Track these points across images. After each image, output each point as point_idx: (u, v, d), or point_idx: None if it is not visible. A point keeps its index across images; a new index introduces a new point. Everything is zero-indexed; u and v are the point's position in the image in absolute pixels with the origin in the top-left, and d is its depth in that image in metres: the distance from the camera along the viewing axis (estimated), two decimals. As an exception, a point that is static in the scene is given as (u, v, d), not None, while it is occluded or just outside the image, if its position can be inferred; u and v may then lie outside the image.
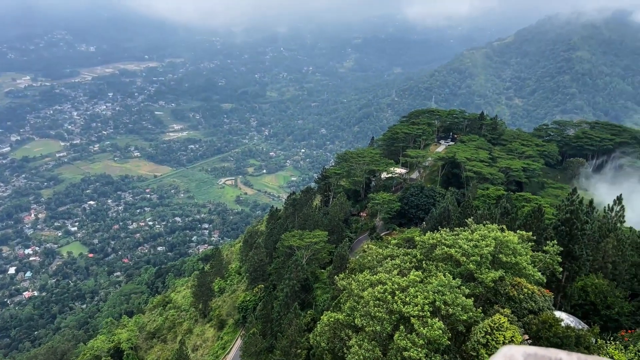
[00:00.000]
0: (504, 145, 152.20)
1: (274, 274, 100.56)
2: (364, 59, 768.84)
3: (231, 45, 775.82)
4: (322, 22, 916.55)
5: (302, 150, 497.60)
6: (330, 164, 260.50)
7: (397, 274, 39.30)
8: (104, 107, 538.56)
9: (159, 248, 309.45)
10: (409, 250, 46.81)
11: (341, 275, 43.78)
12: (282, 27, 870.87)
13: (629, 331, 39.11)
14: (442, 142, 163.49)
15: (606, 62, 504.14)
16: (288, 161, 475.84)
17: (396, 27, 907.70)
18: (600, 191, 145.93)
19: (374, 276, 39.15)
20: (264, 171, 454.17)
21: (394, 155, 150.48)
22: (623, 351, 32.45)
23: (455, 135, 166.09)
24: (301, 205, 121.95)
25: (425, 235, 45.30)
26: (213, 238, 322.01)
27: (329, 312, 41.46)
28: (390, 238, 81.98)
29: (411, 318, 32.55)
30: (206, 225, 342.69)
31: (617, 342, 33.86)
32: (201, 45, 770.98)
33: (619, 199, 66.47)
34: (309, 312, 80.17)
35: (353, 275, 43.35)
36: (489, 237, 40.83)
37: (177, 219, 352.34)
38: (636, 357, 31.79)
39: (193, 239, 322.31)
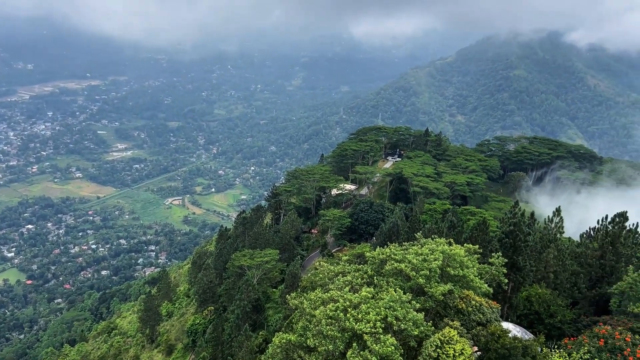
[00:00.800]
0: (449, 160, 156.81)
1: (224, 295, 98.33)
2: (312, 77, 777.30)
3: (178, 63, 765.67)
4: (271, 40, 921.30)
5: (252, 168, 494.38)
6: (280, 181, 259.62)
7: (349, 291, 39.22)
8: (43, 126, 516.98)
9: (103, 272, 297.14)
10: (360, 266, 46.89)
11: (293, 294, 43.21)
12: (230, 45, 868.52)
13: (572, 338, 40.57)
14: (389, 158, 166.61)
15: (541, 80, 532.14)
16: (237, 179, 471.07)
17: (343, 46, 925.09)
18: (541, 203, 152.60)
19: (326, 294, 38.88)
20: (213, 190, 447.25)
21: (343, 171, 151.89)
22: (567, 359, 33.58)
23: (402, 152, 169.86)
24: (252, 224, 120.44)
25: (375, 250, 45.55)
26: (160, 260, 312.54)
27: (281, 332, 40.75)
28: (341, 254, 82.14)
29: (364, 335, 32.43)
30: (153, 247, 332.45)
31: (561, 350, 35.03)
32: (146, 63, 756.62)
33: (557, 211, 69.49)
34: (260, 333, 78.73)
35: (305, 294, 42.89)
36: (437, 250, 41.51)
37: (122, 241, 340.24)
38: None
39: (139, 261, 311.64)
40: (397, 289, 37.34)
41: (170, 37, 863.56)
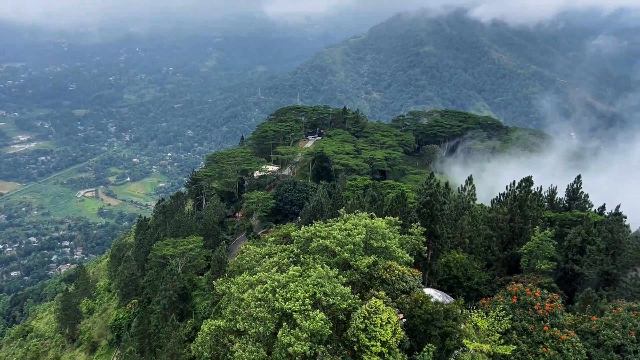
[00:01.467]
0: (367, 137, 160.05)
1: (147, 287, 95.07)
2: (227, 58, 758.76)
3: (80, 47, 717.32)
4: (181, 20, 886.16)
5: (169, 154, 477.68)
6: (200, 166, 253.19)
7: (277, 271, 39.17)
8: None
9: (13, 273, 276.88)
10: (287, 246, 46.95)
11: (219, 280, 42.46)
12: (137, 26, 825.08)
13: (488, 298, 43.24)
14: (310, 137, 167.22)
15: (450, 55, 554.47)
16: (154, 167, 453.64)
17: (257, 25, 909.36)
18: (454, 173, 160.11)
19: (254, 276, 38.57)
20: (128, 179, 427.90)
21: (265, 153, 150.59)
22: (485, 317, 35.80)
23: (322, 130, 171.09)
24: (172, 212, 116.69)
25: (300, 229, 45.72)
26: (76, 256, 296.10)
27: (210, 319, 40.04)
28: (267, 236, 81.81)
29: (293, 314, 32.59)
30: (67, 243, 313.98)
31: (479, 310, 37.27)
32: (46, 47, 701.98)
33: (469, 179, 73.26)
34: (189, 321, 77.14)
35: (232, 278, 42.33)
36: (360, 225, 42.40)
37: (32, 239, 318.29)
38: (496, 321, 35.28)
39: (53, 259, 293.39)
40: (324, 265, 37.76)
41: (72, 20, 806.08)
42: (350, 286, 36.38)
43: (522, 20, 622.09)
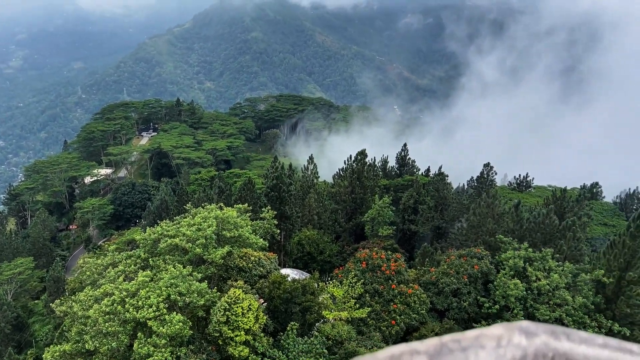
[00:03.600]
0: (206, 128, 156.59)
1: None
2: (35, 56, 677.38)
3: None
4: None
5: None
6: (19, 179, 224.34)
7: (124, 281, 36.48)
8: None
9: None
10: (132, 252, 43.87)
11: (58, 301, 38.20)
12: None
13: (340, 268, 45.43)
14: (144, 134, 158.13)
15: (277, 40, 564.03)
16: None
17: (67, 18, 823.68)
18: (297, 154, 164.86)
19: (98, 290, 35.38)
20: None
21: (94, 156, 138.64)
22: (339, 286, 37.58)
23: (157, 125, 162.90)
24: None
25: (146, 232, 43.09)
26: None
27: (53, 345, 35.90)
28: (109, 245, 75.85)
29: (148, 321, 30.63)
30: None
31: (334, 280, 39.00)
32: None
33: (311, 159, 75.84)
34: (29, 352, 68.67)
35: (74, 297, 38.39)
36: (210, 217, 41.29)
37: None
38: (350, 288, 37.27)
39: None
40: (176, 264, 36.11)
41: None
42: (206, 281, 35.33)
43: (339, 2, 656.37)
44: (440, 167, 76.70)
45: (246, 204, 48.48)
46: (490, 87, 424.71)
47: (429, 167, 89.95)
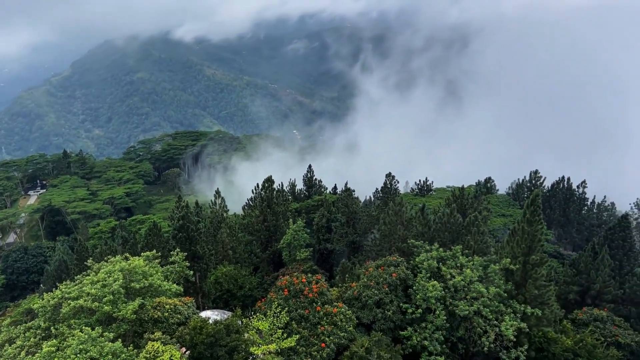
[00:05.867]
0: (100, 177, 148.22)
1: None
2: None
3: None
4: None
5: None
6: None
7: (26, 356, 32.76)
8: None
9: None
10: (31, 323, 39.64)
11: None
12: None
13: (262, 300, 44.20)
14: (31, 192, 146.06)
15: (165, 78, 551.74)
16: None
17: None
18: (203, 191, 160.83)
19: (-5, 374, 31.47)
20: None
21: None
22: (264, 319, 36.41)
23: (44, 182, 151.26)
24: None
25: (44, 298, 39.17)
26: None
27: None
28: (3, 319, 68.29)
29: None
30: None
31: (258, 314, 37.75)
32: None
33: (217, 193, 74.06)
34: None
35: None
36: (115, 271, 38.55)
37: None
38: (275, 319, 36.22)
39: None
40: (84, 328, 33.07)
41: None
42: (120, 340, 32.68)
43: (224, 35, 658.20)
44: (346, 183, 78.34)
45: (154, 250, 46.03)
46: (380, 102, 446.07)
47: (335, 184, 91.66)
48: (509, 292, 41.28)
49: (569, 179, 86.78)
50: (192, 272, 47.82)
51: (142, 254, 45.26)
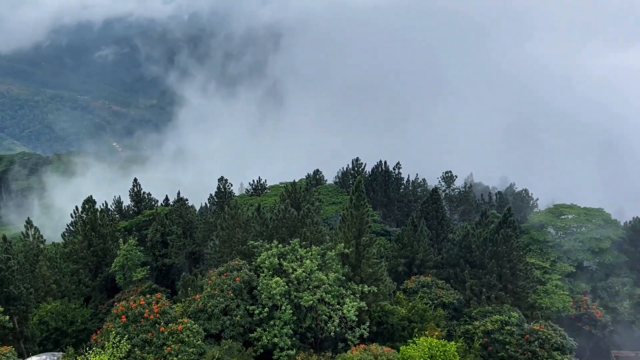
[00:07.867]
0: None
1: None
2: None
3: None
4: None
5: None
6: None
7: None
8: None
9: None
10: None
11: None
12: None
13: (98, 331, 40.38)
14: None
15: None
16: None
17: None
18: (13, 222, 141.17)
19: None
20: None
21: None
22: (102, 352, 33.23)
23: None
24: None
25: None
26: None
27: None
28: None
29: None
30: None
31: (94, 348, 34.31)
32: None
33: (29, 223, 65.45)
34: None
35: None
36: None
37: None
38: (115, 350, 33.23)
39: None
40: None
41: None
42: None
43: (16, 45, 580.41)
44: (178, 193, 75.51)
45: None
46: (203, 105, 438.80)
47: (166, 195, 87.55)
48: (346, 275, 43.85)
49: (385, 162, 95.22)
50: (7, 317, 41.82)
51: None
